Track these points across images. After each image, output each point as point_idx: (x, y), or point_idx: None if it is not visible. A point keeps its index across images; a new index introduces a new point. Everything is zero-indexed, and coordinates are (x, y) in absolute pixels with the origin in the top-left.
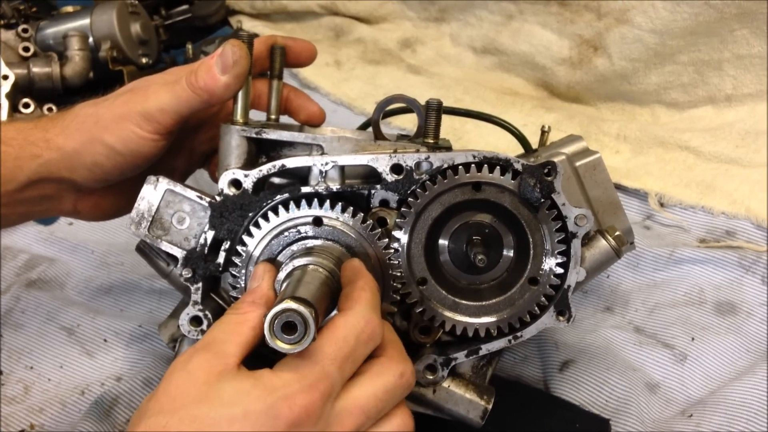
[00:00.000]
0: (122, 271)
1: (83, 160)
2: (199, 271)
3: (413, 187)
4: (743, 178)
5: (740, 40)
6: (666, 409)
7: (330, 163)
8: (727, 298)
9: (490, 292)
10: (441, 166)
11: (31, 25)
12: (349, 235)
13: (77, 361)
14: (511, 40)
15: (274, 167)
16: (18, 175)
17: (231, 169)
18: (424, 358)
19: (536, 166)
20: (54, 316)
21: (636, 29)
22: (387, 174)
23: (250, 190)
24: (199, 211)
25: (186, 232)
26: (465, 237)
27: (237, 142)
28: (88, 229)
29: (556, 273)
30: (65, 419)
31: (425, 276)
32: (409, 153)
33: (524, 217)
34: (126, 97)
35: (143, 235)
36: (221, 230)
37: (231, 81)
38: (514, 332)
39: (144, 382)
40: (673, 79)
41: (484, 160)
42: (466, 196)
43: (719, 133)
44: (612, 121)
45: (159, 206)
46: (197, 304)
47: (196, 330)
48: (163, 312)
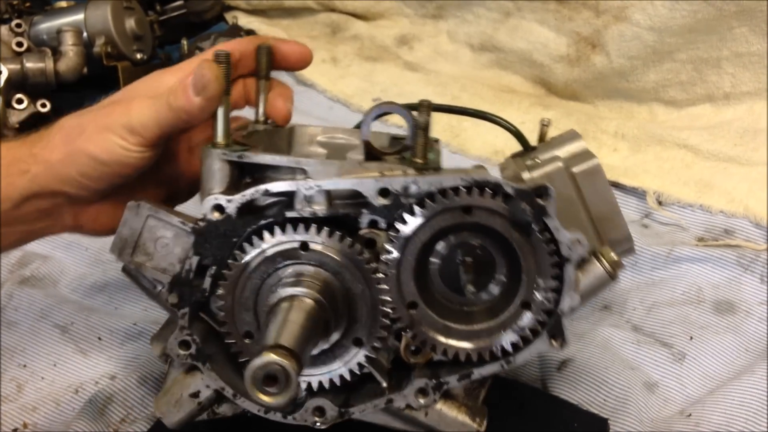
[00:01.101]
0: (116, 269)
1: (69, 171)
2: (186, 296)
3: (400, 210)
4: (742, 176)
5: (739, 38)
6: (664, 408)
7: (314, 187)
8: (726, 297)
9: (481, 316)
10: (429, 190)
11: (24, 20)
12: (336, 260)
13: (71, 359)
14: (509, 37)
15: (257, 192)
16: (11, 193)
17: (213, 193)
18: (415, 382)
19: (528, 191)
20: (47, 313)
21: (634, 27)
22: (374, 198)
23: (234, 215)
24: (183, 236)
25: (170, 257)
26: (456, 258)
27: (218, 166)
28: None
29: (549, 298)
30: (59, 418)
31: (415, 300)
32: (397, 176)
33: (516, 241)
34: (109, 109)
35: (127, 262)
36: (206, 255)
37: (204, 103)
38: (507, 357)
39: (139, 380)
40: (671, 77)
41: (474, 183)
42: (456, 219)
43: (717, 132)
44: (610, 119)
45: (141, 232)
46: (185, 329)
47: (185, 353)
48: (158, 311)
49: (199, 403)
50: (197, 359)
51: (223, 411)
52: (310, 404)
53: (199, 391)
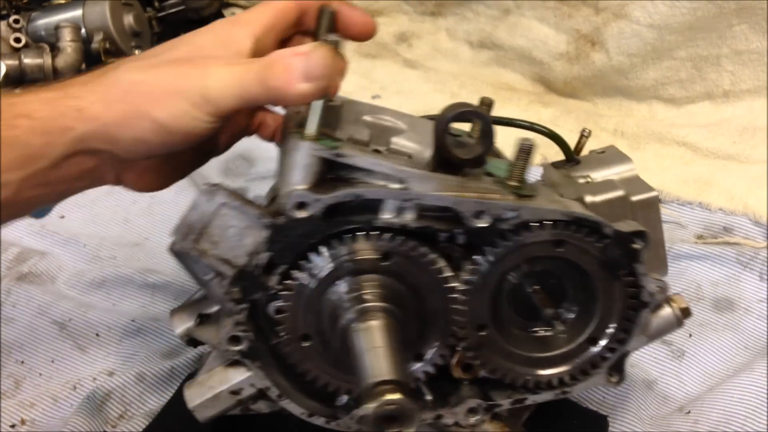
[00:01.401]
0: (115, 265)
1: (125, 134)
2: (248, 291)
3: (491, 236)
4: (741, 174)
5: (739, 35)
6: (663, 405)
7: (412, 199)
8: (725, 295)
9: (544, 345)
10: (528, 220)
11: (22, 16)
12: (416, 275)
13: (69, 355)
14: (508, 34)
15: (350, 195)
16: (49, 152)
17: (299, 188)
18: (467, 401)
19: (626, 234)
20: (45, 310)
21: (634, 24)
22: (470, 219)
23: (319, 215)
24: (257, 229)
25: (238, 249)
26: (529, 284)
27: (308, 162)
28: (80, 223)
29: (618, 337)
30: (57, 414)
31: (486, 323)
32: (496, 200)
33: (599, 280)
34: (181, 70)
35: (189, 249)
36: (278, 252)
37: (310, 92)
38: (563, 386)
39: (137, 377)
40: (671, 75)
41: (576, 220)
42: (546, 252)
43: (717, 129)
44: (609, 117)
45: (212, 219)
46: (241, 325)
47: (235, 349)
48: (157, 307)
49: (240, 400)
50: (247, 356)
51: (259, 408)
52: (356, 413)
53: (241, 389)
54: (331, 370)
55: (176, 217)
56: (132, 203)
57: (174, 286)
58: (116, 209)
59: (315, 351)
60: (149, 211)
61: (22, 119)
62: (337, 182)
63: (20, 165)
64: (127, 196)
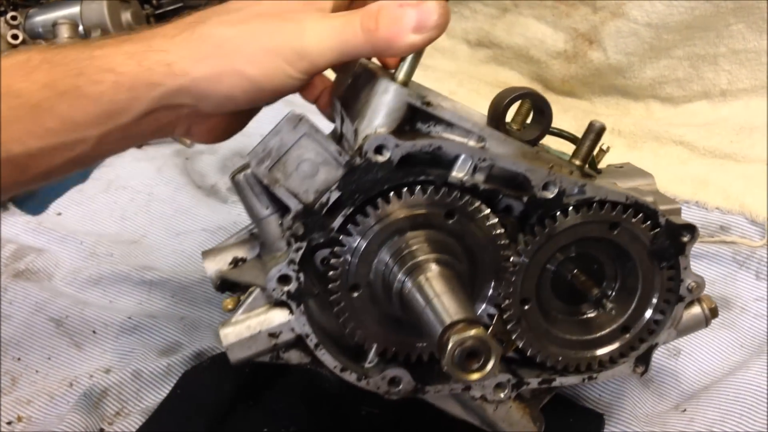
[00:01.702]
0: (111, 262)
1: (215, 91)
2: (309, 229)
3: (555, 209)
4: (738, 173)
5: (736, 34)
6: (659, 403)
7: (488, 160)
8: (721, 294)
9: (577, 328)
10: (592, 198)
11: (20, 13)
12: (475, 237)
13: (65, 352)
14: (506, 33)
15: (430, 146)
16: (134, 107)
17: (381, 131)
18: (497, 375)
19: (678, 226)
20: (42, 307)
21: (632, 23)
22: (538, 189)
23: (396, 161)
24: (332, 167)
25: (309, 184)
26: (572, 267)
27: (395, 106)
28: (77, 220)
29: (650, 328)
30: (53, 411)
31: (530, 297)
32: (565, 175)
33: (643, 269)
34: (274, 25)
35: (262, 174)
36: (348, 194)
37: (420, 42)
38: (590, 372)
39: (133, 374)
40: (668, 74)
41: (635, 204)
42: (602, 233)
43: (714, 128)
44: (606, 115)
45: (291, 148)
46: (293, 264)
47: (282, 290)
48: (154, 304)
49: (276, 344)
50: (294, 298)
51: (289, 358)
52: (387, 373)
53: (280, 332)
54: (372, 325)
55: (173, 215)
56: (129, 201)
57: (171, 283)
58: (113, 206)
59: (361, 304)
60: (146, 208)
61: (106, 74)
62: (415, 134)
63: (102, 121)
64: (125, 194)
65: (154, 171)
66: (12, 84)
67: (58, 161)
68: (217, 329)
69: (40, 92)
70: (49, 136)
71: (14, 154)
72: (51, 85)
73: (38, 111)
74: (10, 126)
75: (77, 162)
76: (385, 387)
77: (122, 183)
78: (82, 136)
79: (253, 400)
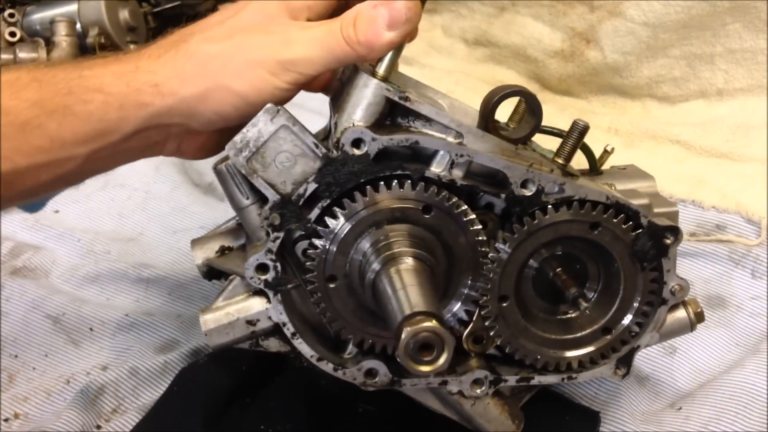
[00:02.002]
0: (109, 260)
1: (204, 108)
2: (286, 220)
3: (533, 207)
4: (734, 172)
5: (732, 34)
6: (655, 401)
7: (465, 156)
8: (717, 292)
9: (557, 327)
10: (571, 197)
11: (17, 11)
12: (453, 233)
13: (62, 349)
14: (503, 32)
15: (406, 141)
16: (123, 126)
17: (359, 125)
18: (475, 371)
19: (661, 227)
20: (39, 304)
21: (629, 22)
22: (516, 186)
23: (372, 155)
24: (310, 159)
25: (287, 175)
26: (555, 265)
27: (374, 99)
28: (74, 217)
29: (631, 330)
30: (50, 408)
31: (508, 294)
32: (545, 173)
33: (625, 269)
34: (258, 39)
35: (240, 165)
36: (325, 186)
37: (396, 38)
38: (570, 371)
39: (130, 371)
40: (665, 73)
41: (616, 204)
42: (581, 232)
43: (710, 127)
44: (603, 114)
45: (268, 140)
46: (271, 253)
47: (260, 278)
48: (151, 301)
49: (253, 332)
50: (271, 287)
51: (268, 346)
52: (364, 365)
53: (258, 320)
54: (350, 316)
55: (171, 213)
56: (127, 198)
57: (168, 280)
58: (111, 204)
59: (338, 294)
60: (144, 206)
61: (96, 93)
62: (394, 129)
63: (91, 139)
64: (122, 192)
65: (152, 169)
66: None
67: (46, 178)
68: None
69: (29, 110)
70: (37, 153)
71: (2, 172)
72: (40, 104)
73: (27, 129)
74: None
75: (65, 179)
76: (362, 378)
77: (120, 181)
78: (70, 154)
79: (249, 398)
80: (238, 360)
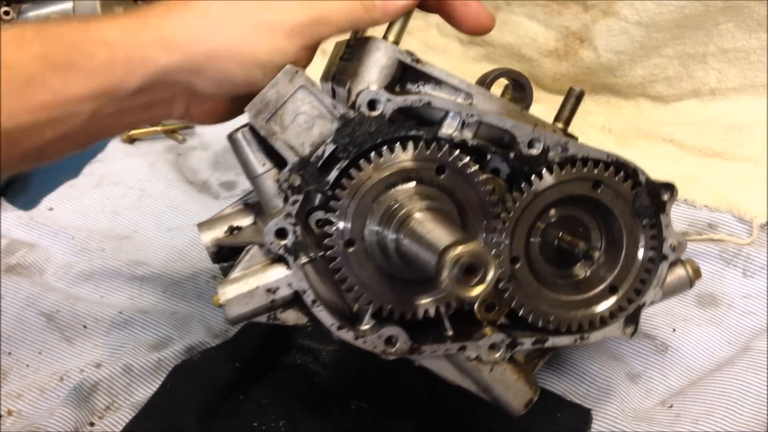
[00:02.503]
0: (103, 258)
1: (211, 68)
2: (305, 182)
3: (540, 166)
4: (726, 171)
5: (725, 33)
6: (646, 399)
7: (475, 116)
8: (708, 290)
9: (566, 289)
10: (575, 155)
11: (12, 8)
12: (466, 193)
13: (56, 347)
14: (498, 31)
15: (419, 101)
16: (127, 82)
17: (374, 86)
18: (491, 336)
19: (658, 184)
20: (33, 301)
21: (622, 21)
22: (524, 146)
23: (387, 115)
24: (327, 120)
25: (305, 137)
26: (558, 229)
27: (387, 62)
28: (68, 215)
29: (636, 288)
30: (43, 405)
31: (520, 255)
32: (549, 133)
33: (627, 228)
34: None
35: (260, 126)
36: (342, 147)
37: (411, 3)
38: (581, 332)
39: (124, 368)
40: (658, 72)
41: (616, 162)
42: (585, 191)
43: (703, 127)
44: (597, 114)
45: (287, 101)
46: (290, 217)
47: (279, 243)
48: (145, 299)
49: (273, 300)
50: (291, 252)
51: (286, 318)
52: (384, 332)
53: (278, 288)
54: (369, 282)
55: (165, 211)
56: (121, 196)
57: (162, 278)
58: (105, 202)
59: (356, 259)
60: (138, 204)
61: (101, 47)
62: (406, 92)
63: (95, 95)
64: (117, 190)
65: (147, 167)
66: (4, 56)
67: (50, 136)
68: (207, 322)
69: (33, 64)
70: (40, 109)
71: (5, 128)
72: (44, 58)
73: (30, 84)
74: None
75: (69, 139)
76: (382, 346)
77: (114, 178)
78: (74, 110)
79: (243, 395)
80: (232, 357)
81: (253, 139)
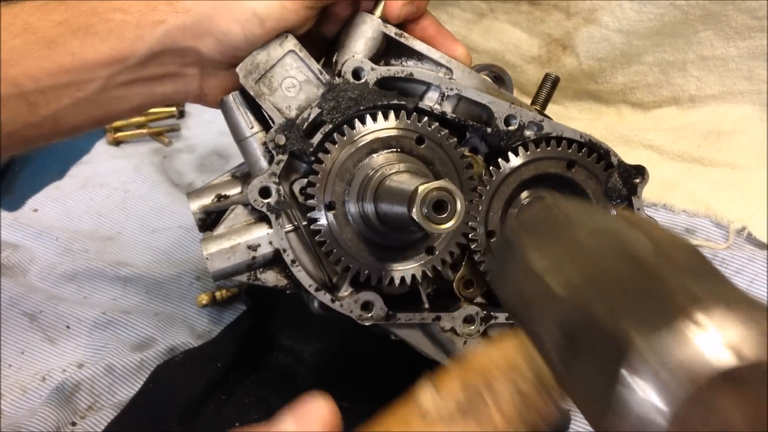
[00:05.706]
0: (87, 258)
1: (214, 25)
2: (290, 143)
3: (516, 142)
4: (704, 177)
5: (704, 41)
6: None
7: (455, 90)
8: None
9: None
10: (549, 134)
11: None
12: (444, 164)
13: (39, 347)
14: (482, 37)
15: (401, 72)
16: (139, 47)
17: (359, 56)
18: (466, 308)
19: (630, 166)
20: (16, 302)
21: (603, 29)
22: (501, 121)
23: (371, 83)
24: (313, 86)
25: (291, 100)
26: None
27: (373, 35)
28: (53, 216)
29: None
30: (25, 405)
31: (495, 229)
32: (525, 110)
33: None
34: None
35: (249, 86)
36: (327, 111)
37: None
38: None
39: (106, 368)
40: (638, 79)
41: (589, 143)
42: (559, 170)
43: (682, 133)
44: (579, 120)
45: (276, 64)
46: (274, 176)
47: (263, 202)
48: (128, 299)
49: (254, 257)
50: (273, 211)
51: (266, 279)
52: (361, 296)
53: (259, 245)
54: (347, 245)
55: (149, 212)
56: (106, 198)
57: (145, 279)
58: (90, 203)
59: (337, 222)
60: (123, 205)
61: (117, 13)
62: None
63: (109, 61)
64: (101, 191)
65: (131, 169)
66: (30, 21)
67: (67, 101)
68: (190, 323)
69: (55, 29)
70: (60, 73)
71: (26, 90)
72: (65, 23)
73: (52, 47)
74: (24, 60)
75: (84, 110)
76: (359, 311)
77: (99, 180)
78: (90, 75)
79: (225, 395)
80: (214, 358)
81: (243, 102)
